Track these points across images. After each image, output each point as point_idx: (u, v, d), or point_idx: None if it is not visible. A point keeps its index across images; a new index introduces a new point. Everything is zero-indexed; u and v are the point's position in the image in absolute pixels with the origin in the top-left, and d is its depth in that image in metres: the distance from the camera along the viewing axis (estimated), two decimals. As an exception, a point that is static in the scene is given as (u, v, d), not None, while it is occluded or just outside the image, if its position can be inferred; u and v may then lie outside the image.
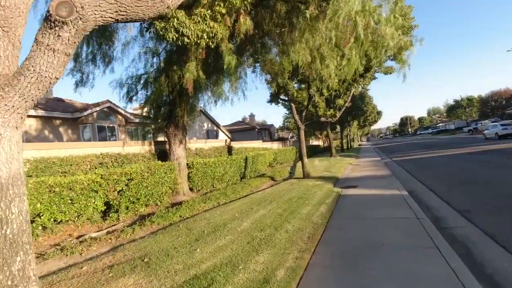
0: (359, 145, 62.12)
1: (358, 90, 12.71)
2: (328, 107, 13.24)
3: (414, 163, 14.70)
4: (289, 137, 56.53)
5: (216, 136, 33.28)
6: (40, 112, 15.64)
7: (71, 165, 6.87)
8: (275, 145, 23.83)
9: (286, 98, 13.03)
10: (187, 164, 10.02)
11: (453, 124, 77.50)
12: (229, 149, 15.04)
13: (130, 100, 9.45)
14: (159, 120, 9.16)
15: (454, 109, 73.51)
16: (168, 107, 9.13)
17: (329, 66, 7.22)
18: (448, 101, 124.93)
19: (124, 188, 6.89)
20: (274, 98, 14.23)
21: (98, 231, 5.88)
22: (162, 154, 9.78)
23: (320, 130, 35.09)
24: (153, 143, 9.93)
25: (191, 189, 10.07)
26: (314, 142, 46.71)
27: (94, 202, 6.20)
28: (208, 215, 6.25)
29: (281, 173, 14.48)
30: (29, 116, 15.32)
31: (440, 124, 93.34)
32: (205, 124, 32.00)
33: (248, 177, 13.92)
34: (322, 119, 10.94)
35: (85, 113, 17.31)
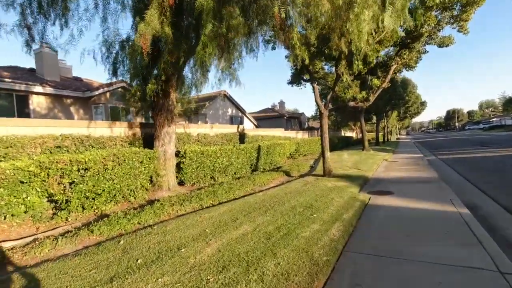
0: (397, 138, 57.04)
1: (400, 68, 10.08)
2: (360, 89, 10.85)
3: (469, 164, 11.73)
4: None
5: (241, 123, 31.57)
6: (48, 90, 14.88)
7: (10, 147, 5.42)
8: (300, 135, 21.52)
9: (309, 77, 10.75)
10: (178, 152, 8.31)
11: (510, 119, 68.64)
12: (241, 137, 13.15)
13: (115, 73, 7.82)
14: (141, 97, 7.46)
15: (512, 102, 64.74)
16: (154, 81, 7.38)
17: (359, 18, 4.91)
18: (505, 93, 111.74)
19: (77, 181, 5.32)
20: (295, 78, 12.01)
21: (19, 239, 4.35)
22: (150, 139, 8.16)
23: (354, 120, 31.89)
24: (139, 126, 8.32)
25: (182, 183, 8.39)
26: (347, 133, 43.31)
27: (25, 198, 4.68)
28: (171, 227, 4.46)
29: (300, 167, 12.34)
30: (36, 93, 14.65)
31: (494, 119, 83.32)
32: (229, 110, 30.41)
33: (261, 169, 11.99)
34: (351, 103, 8.62)
35: (97, 93, 16.34)
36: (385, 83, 8.70)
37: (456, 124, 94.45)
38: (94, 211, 5.74)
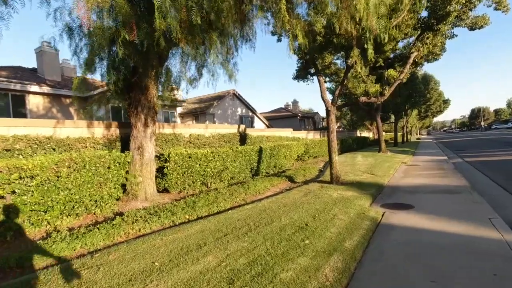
0: (418, 139, 54.15)
1: (423, 55, 8.61)
2: (375, 83, 9.42)
3: (503, 169, 10.08)
4: (337, 126, 51.49)
5: (251, 123, 30.57)
6: (46, 89, 14.36)
7: None
8: (311, 135, 20.15)
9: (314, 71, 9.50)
10: (161, 155, 7.32)
11: (543, 118, 63.96)
12: (242, 138, 12.05)
13: (89, 68, 6.84)
14: (116, 91, 6.47)
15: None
16: (114, 72, 6.36)
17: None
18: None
19: (19, 191, 4.39)
20: (301, 73, 10.78)
21: None
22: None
23: (371, 120, 30.07)
24: (117, 125, 7.37)
25: (165, 190, 7.39)
26: (364, 133, 41.28)
27: None
28: (116, 255, 3.42)
29: (307, 171, 11.10)
30: (33, 92, 14.17)
31: (523, 118, 78.03)
32: (239, 109, 29.44)
33: (264, 174, 10.85)
34: (363, 99, 7.30)
35: (96, 92, 15.71)
36: (403, 74, 7.32)
37: (482, 123, 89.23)
38: (46, 227, 4.81)
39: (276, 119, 38.89)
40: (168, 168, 7.19)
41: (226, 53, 8.59)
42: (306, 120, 40.73)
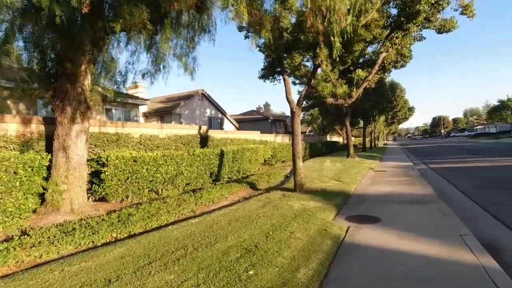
0: (385, 144, 56.11)
1: (392, 57, 8.39)
2: (342, 84, 9.03)
3: (466, 176, 10.05)
4: (308, 131, 51.79)
5: (221, 125, 29.59)
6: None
7: None
8: (279, 138, 19.63)
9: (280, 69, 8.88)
10: (99, 158, 6.23)
11: (494, 128, 69.25)
12: (204, 140, 11.12)
13: None
14: (38, 78, 5.31)
15: (497, 110, 64.99)
16: (55, 57, 5.28)
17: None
18: (488, 101, 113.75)
19: None
20: (268, 72, 10.11)
21: None
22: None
23: (341, 124, 30.31)
24: (41, 121, 6.15)
25: (104, 199, 6.30)
26: (334, 137, 41.80)
27: None
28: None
29: (272, 177, 10.42)
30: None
31: (478, 127, 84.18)
32: (208, 110, 28.33)
33: (226, 179, 10.01)
34: (330, 100, 6.77)
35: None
36: (371, 74, 6.86)
37: (442, 131, 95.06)
38: None
39: (247, 121, 38.21)
40: (106, 173, 6.11)
41: (183, 45, 7.73)
42: (277, 123, 40.43)
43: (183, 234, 4.13)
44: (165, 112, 23.49)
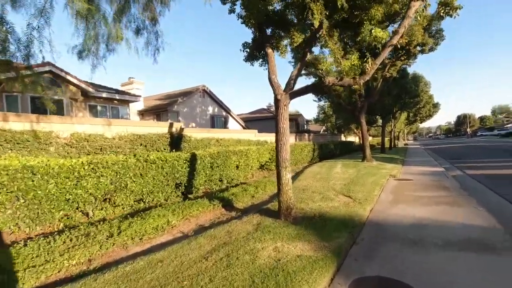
0: (405, 144, 52.12)
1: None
2: (353, 54, 6.39)
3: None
4: (322, 130, 48.74)
5: (225, 124, 27.39)
6: None
7: None
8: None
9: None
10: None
11: (528, 126, 63.42)
12: (176, 140, 8.86)
13: None
14: None
15: (532, 107, 59.46)
16: None
17: None
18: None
19: None
20: (254, 50, 7.70)
21: None
22: None
23: (357, 123, 27.38)
24: None
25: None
26: (350, 137, 38.65)
27: None
28: None
29: (262, 189, 8.03)
30: None
31: (509, 125, 77.75)
32: (210, 108, 26.18)
33: (200, 191, 7.75)
34: (329, 80, 4.46)
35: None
36: (398, 35, 4.40)
37: (468, 130, 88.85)
38: None
39: (256, 120, 35.87)
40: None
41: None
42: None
43: None
44: (161, 109, 21.52)
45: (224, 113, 27.21)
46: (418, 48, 13.05)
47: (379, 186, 8.24)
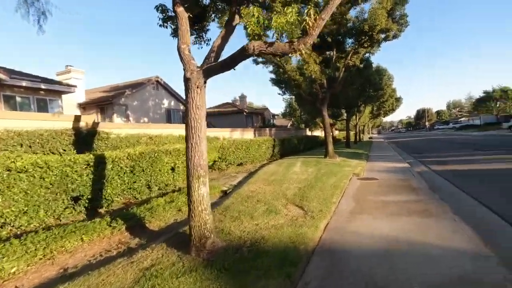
0: (370, 138, 53.09)
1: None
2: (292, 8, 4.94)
3: (507, 190, 6.38)
4: (289, 125, 47.90)
5: (183, 119, 25.21)
6: None
7: None
8: (238, 134, 15.59)
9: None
10: None
11: (479, 120, 67.72)
12: (86, 138, 6.92)
13: None
14: None
15: (483, 101, 63.19)
16: None
17: None
18: (471, 93, 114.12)
19: None
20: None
21: None
22: None
23: (320, 116, 26.53)
24: None
25: None
26: (316, 132, 38.07)
27: None
28: None
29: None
30: None
31: (462, 119, 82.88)
32: (165, 101, 23.82)
33: (113, 202, 5.95)
34: (253, 46, 3.00)
35: None
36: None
37: (426, 123, 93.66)
38: None
39: (220, 115, 33.91)
40: None
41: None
42: (254, 116, 36.25)
43: None
44: (105, 102, 18.88)
45: (182, 107, 25.03)
46: (382, 35, 12.06)
47: (339, 189, 6.94)
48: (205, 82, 3.57)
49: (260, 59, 13.08)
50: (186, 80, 3.48)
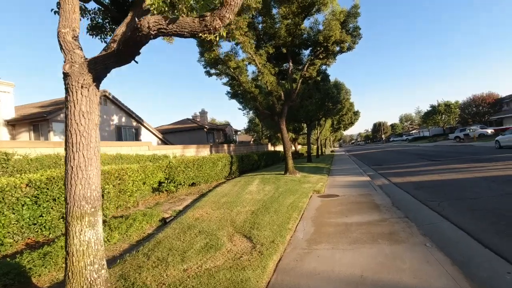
0: (332, 151, 54.37)
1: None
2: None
3: (462, 201, 6.01)
4: (251, 140, 47.34)
5: (136, 136, 23.26)
6: None
7: None
8: (193, 151, 14.42)
9: None
10: None
11: (428, 131, 73.23)
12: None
13: None
14: None
15: (430, 115, 68.58)
16: None
17: None
18: (419, 108, 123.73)
19: None
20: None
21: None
22: None
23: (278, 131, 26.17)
24: None
25: None
26: (279, 147, 37.80)
27: None
28: None
29: (122, 232, 5.13)
30: None
31: (413, 131, 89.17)
32: (115, 118, 21.81)
33: (4, 246, 4.45)
34: (148, 23, 2.26)
35: None
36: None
37: (382, 136, 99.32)
38: None
39: (179, 131, 32.33)
40: None
41: None
42: (215, 132, 35.10)
43: None
44: (39, 119, 16.55)
45: (135, 124, 23.18)
46: (337, 47, 11.93)
47: (297, 211, 6.11)
48: (97, 81, 2.54)
49: (212, 71, 12.22)
50: (65, 76, 2.42)
